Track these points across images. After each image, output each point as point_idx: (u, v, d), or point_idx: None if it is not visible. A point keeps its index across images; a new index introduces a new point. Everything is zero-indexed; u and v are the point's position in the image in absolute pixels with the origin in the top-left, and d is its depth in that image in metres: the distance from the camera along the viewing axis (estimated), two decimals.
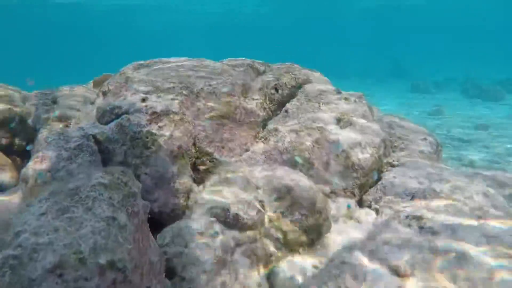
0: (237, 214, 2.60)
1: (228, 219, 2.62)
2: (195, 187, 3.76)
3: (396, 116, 5.51)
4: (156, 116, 3.53)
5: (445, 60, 39.55)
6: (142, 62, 4.09)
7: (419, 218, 2.67)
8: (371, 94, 24.03)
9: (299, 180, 2.85)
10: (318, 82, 4.45)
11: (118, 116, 3.51)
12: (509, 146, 12.58)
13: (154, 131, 3.47)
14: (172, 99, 3.63)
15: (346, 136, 3.67)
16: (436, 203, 2.99)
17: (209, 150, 3.82)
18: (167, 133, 3.51)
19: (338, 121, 3.90)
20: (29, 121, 4.14)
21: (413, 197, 3.21)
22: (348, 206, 3.33)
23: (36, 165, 3.00)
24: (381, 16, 47.94)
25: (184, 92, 3.70)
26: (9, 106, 4.15)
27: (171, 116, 3.56)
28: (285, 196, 2.79)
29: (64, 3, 33.11)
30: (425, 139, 5.07)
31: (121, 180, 2.06)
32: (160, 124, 3.53)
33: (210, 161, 3.85)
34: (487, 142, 13.40)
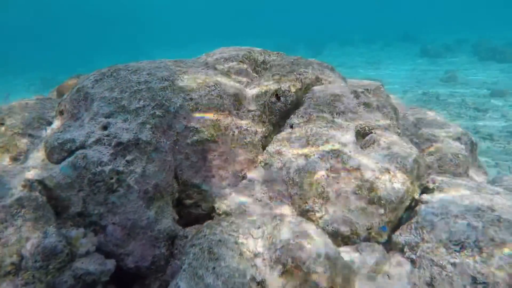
0: None
1: None
2: (180, 231, 3.01)
3: (422, 110, 4.64)
4: (122, 147, 2.72)
5: (454, 20, 37.39)
6: (105, 70, 3.22)
7: None
8: (379, 61, 22.83)
9: (314, 248, 2.07)
10: (330, 82, 3.57)
11: (71, 152, 2.69)
12: None
13: (120, 168, 2.67)
14: (142, 123, 2.80)
15: (370, 160, 2.85)
16: (499, 261, 2.21)
17: (196, 181, 3.03)
18: (138, 169, 2.72)
19: (358, 136, 3.06)
20: None
21: (462, 247, 2.42)
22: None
23: None
24: None
25: (157, 112, 2.86)
26: None
27: (142, 146, 2.75)
28: (293, 271, 2.01)
29: None
30: (458, 139, 4.24)
31: None
32: (128, 157, 2.72)
33: (198, 193, 3.08)
34: (504, 110, 12.47)
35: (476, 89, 15.10)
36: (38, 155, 2.84)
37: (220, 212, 3.01)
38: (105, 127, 2.78)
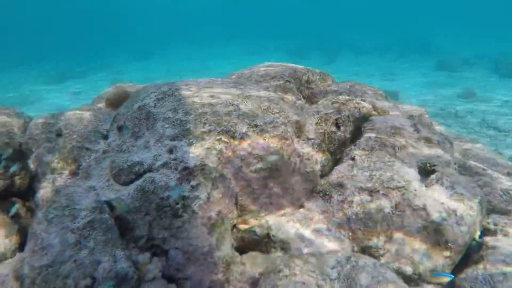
0: None
1: None
2: (237, 257, 2.98)
3: (467, 141, 4.58)
4: (188, 172, 2.69)
5: (473, 34, 36.94)
6: (165, 88, 3.19)
7: None
8: (394, 72, 22.63)
9: None
10: (385, 112, 3.53)
11: (138, 175, 2.67)
12: None
13: (186, 193, 2.64)
14: (209, 149, 2.78)
15: (435, 199, 2.80)
16: None
17: (254, 207, 3.00)
18: (203, 195, 2.69)
19: (422, 174, 3.02)
20: (29, 161, 3.34)
21: None
22: None
23: (34, 259, 2.22)
24: None
25: (223, 138, 2.83)
26: (6, 140, 3.35)
27: (208, 172, 2.72)
28: None
29: None
30: (508, 174, 4.17)
31: None
32: (193, 183, 2.69)
33: (254, 219, 3.05)
34: None
35: (497, 108, 14.89)
36: (102, 174, 2.82)
37: (276, 240, 2.98)
38: (171, 151, 2.75)
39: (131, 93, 3.90)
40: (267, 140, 2.91)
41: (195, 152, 2.74)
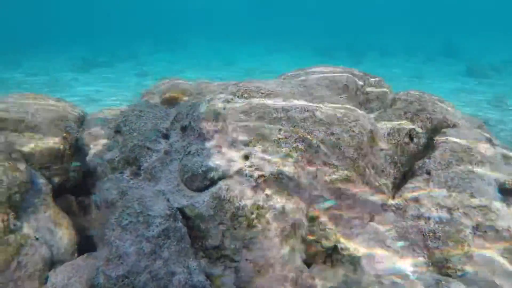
0: None
1: None
2: (305, 270, 2.86)
3: None
4: (263, 180, 2.57)
5: (502, 38, 35.85)
6: (234, 89, 3.07)
7: None
8: (421, 76, 22.12)
9: None
10: (455, 124, 3.35)
11: (213, 182, 2.56)
12: None
13: (260, 203, 2.53)
14: (285, 156, 2.65)
15: None
16: None
17: (323, 219, 2.87)
18: (278, 206, 2.57)
19: (502, 192, 2.85)
20: (87, 159, 3.26)
21: None
22: None
23: (109, 268, 2.12)
24: None
25: (300, 145, 2.70)
26: (64, 134, 3.28)
27: (284, 181, 2.60)
28: None
29: None
30: None
31: None
32: (268, 191, 2.57)
33: (322, 231, 2.92)
34: None
35: None
36: (171, 178, 2.72)
37: (345, 254, 2.85)
38: (246, 157, 2.64)
39: (186, 90, 3.80)
40: (343, 149, 2.77)
41: (271, 159, 2.62)
